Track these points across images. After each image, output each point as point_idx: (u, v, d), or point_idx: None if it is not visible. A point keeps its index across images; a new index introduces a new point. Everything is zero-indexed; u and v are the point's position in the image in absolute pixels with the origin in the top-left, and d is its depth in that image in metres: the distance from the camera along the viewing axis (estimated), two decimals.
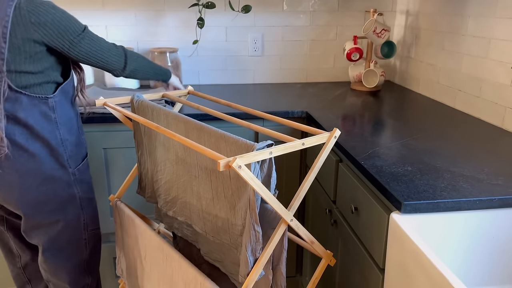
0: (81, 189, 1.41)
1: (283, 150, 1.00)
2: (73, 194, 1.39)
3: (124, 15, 2.13)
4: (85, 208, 1.43)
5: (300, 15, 2.25)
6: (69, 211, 1.39)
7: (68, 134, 1.35)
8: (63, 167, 1.35)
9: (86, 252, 1.49)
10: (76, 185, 1.39)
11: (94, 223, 1.49)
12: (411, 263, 0.91)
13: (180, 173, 1.28)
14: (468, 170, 1.15)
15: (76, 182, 1.38)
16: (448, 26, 1.83)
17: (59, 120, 1.32)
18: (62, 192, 1.36)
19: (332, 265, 1.26)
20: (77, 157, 1.39)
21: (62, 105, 1.33)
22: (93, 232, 1.49)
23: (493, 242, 1.02)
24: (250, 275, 1.04)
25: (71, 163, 1.36)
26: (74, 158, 1.37)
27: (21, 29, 1.19)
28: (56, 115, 1.31)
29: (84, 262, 1.50)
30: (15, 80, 1.23)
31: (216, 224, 1.18)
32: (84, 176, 1.42)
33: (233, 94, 2.06)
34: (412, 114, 1.72)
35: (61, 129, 1.32)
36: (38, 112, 1.27)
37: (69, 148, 1.35)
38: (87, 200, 1.44)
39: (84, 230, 1.45)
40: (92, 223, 1.47)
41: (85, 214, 1.44)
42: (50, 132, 1.30)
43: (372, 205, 1.13)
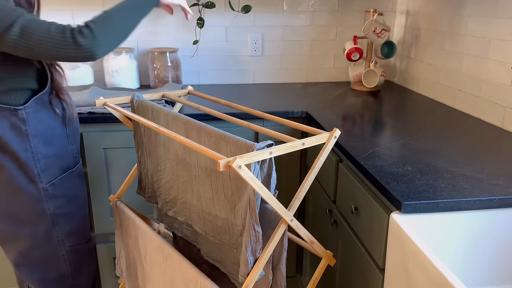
0: (53, 205, 1.30)
1: (283, 150, 1.00)
2: (42, 210, 1.28)
3: None
4: (58, 224, 1.32)
5: (300, 15, 2.25)
6: (39, 227, 1.30)
7: (44, 147, 1.24)
8: (32, 181, 1.24)
9: (68, 268, 1.40)
10: (48, 201, 1.28)
11: (74, 238, 1.38)
12: (411, 263, 0.91)
13: (180, 173, 1.28)
14: (468, 170, 1.15)
15: (47, 197, 1.28)
16: (448, 26, 1.83)
17: (31, 133, 1.20)
18: (31, 207, 1.27)
19: (332, 265, 1.26)
20: (52, 170, 1.27)
21: (37, 116, 1.21)
22: (74, 248, 1.38)
23: (493, 242, 1.01)
24: (250, 275, 1.04)
25: (43, 177, 1.26)
26: (48, 172, 1.26)
27: None
28: (28, 127, 1.20)
29: (69, 277, 1.42)
30: None
31: (216, 224, 1.18)
32: (61, 191, 1.31)
33: (233, 94, 2.06)
34: (412, 114, 1.72)
35: (33, 142, 1.21)
36: (7, 123, 1.17)
37: (42, 162, 1.24)
38: (61, 216, 1.32)
39: (60, 246, 1.35)
40: (70, 239, 1.36)
41: (59, 231, 1.33)
42: (19, 144, 1.20)
43: (372, 205, 1.13)
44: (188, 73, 2.25)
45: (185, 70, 2.23)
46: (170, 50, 2.09)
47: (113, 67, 2.01)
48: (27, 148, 1.21)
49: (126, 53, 2.04)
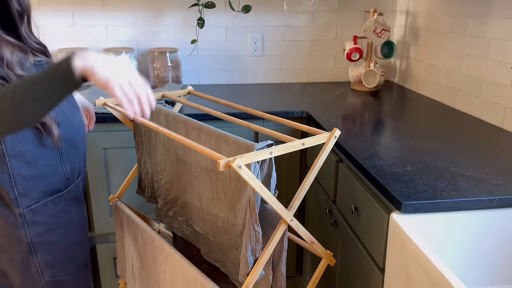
0: (32, 232, 1.13)
1: (283, 150, 1.00)
2: (19, 236, 1.12)
3: (124, 15, 2.13)
4: (37, 253, 1.15)
5: (300, 15, 2.25)
6: (16, 254, 1.15)
7: (25, 167, 1.08)
8: (7, 206, 1.09)
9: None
10: (25, 228, 1.12)
11: (58, 269, 1.20)
12: (411, 263, 0.91)
13: (180, 173, 1.28)
14: (468, 170, 1.15)
15: (24, 224, 1.11)
16: (448, 26, 1.83)
17: (8, 152, 1.04)
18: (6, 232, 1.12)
19: (332, 265, 1.26)
20: (33, 194, 1.11)
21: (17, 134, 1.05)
22: (56, 280, 1.21)
23: (493, 242, 1.01)
24: (250, 275, 1.04)
25: (22, 201, 1.10)
26: (28, 196, 1.10)
27: None
28: (4, 147, 1.04)
29: None
30: None
31: (216, 224, 1.18)
32: (42, 217, 1.14)
33: (233, 94, 2.06)
34: (412, 114, 1.72)
35: (11, 162, 1.05)
36: None
37: (21, 185, 1.08)
38: (42, 244, 1.15)
39: (39, 277, 1.18)
40: (51, 270, 1.19)
41: (37, 260, 1.16)
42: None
43: (372, 205, 1.13)
44: (188, 73, 2.25)
45: (185, 70, 2.23)
46: (170, 50, 2.09)
47: None
48: (3, 170, 1.06)
49: (126, 53, 2.04)
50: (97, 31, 2.13)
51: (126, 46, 2.16)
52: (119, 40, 2.15)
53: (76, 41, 2.12)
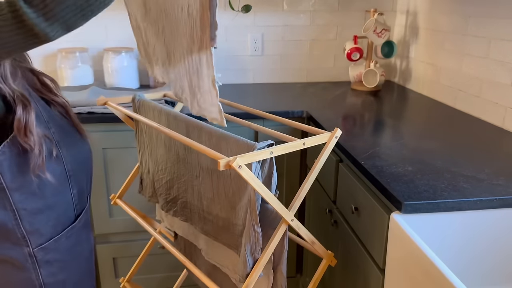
0: (45, 273, 1.00)
1: (283, 149, 1.00)
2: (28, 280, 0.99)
3: (124, 15, 2.12)
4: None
5: (300, 15, 2.25)
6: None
7: (30, 200, 0.95)
8: (14, 246, 0.95)
9: None
10: (36, 269, 0.99)
11: None
12: (411, 263, 0.91)
13: (181, 172, 1.28)
14: (469, 170, 1.15)
15: (35, 264, 0.98)
16: (448, 26, 1.83)
17: (9, 185, 0.91)
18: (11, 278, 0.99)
19: (333, 265, 1.26)
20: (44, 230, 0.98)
21: (17, 163, 0.92)
22: None
23: (493, 242, 1.02)
24: (250, 275, 1.04)
25: (32, 239, 0.96)
26: (37, 233, 0.97)
27: None
28: (3, 180, 0.90)
29: None
30: None
31: (217, 224, 1.18)
32: (55, 255, 1.01)
33: (233, 94, 2.06)
34: (412, 114, 1.72)
35: (13, 196, 0.92)
36: None
37: (27, 220, 0.95)
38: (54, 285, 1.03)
39: None
40: None
41: None
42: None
43: (372, 205, 1.13)
44: None
45: None
46: None
47: (113, 67, 2.01)
48: (6, 206, 0.92)
49: (126, 53, 2.04)
50: (97, 31, 2.12)
51: (126, 46, 2.16)
52: (119, 40, 2.15)
53: (76, 41, 2.12)
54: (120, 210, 1.81)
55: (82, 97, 1.74)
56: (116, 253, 1.87)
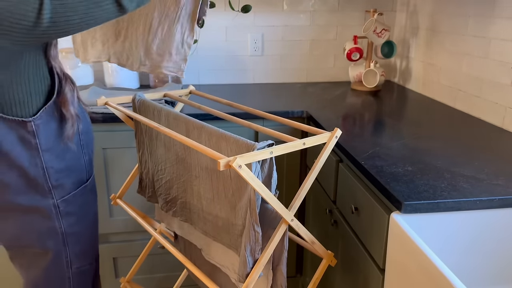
0: (66, 223, 1.19)
1: (283, 149, 1.00)
2: (53, 228, 1.17)
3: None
4: (69, 244, 1.22)
5: (300, 15, 2.25)
6: (48, 247, 1.19)
7: (56, 161, 1.13)
8: (44, 198, 1.13)
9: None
10: (60, 219, 1.17)
11: (82, 259, 1.27)
12: (411, 263, 0.91)
13: (181, 172, 1.28)
14: (468, 170, 1.15)
15: (59, 214, 1.17)
16: (448, 26, 1.83)
17: (42, 147, 1.09)
18: (40, 226, 1.16)
19: (333, 265, 1.26)
20: (64, 186, 1.16)
21: (48, 128, 1.10)
22: (80, 270, 1.27)
23: (493, 242, 1.02)
24: (250, 275, 1.04)
25: (56, 193, 1.15)
26: (59, 188, 1.15)
27: None
28: (38, 141, 1.08)
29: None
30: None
31: (216, 224, 1.18)
32: (73, 208, 1.20)
33: (233, 94, 2.06)
34: (412, 114, 1.72)
35: (44, 156, 1.10)
36: (15, 137, 1.06)
37: (53, 177, 1.13)
38: (73, 236, 1.22)
39: (67, 268, 1.24)
40: (79, 260, 1.25)
41: (69, 251, 1.22)
42: (28, 159, 1.08)
43: (372, 205, 1.13)
44: (188, 73, 2.25)
45: (185, 70, 2.23)
46: None
47: (113, 67, 2.01)
48: (37, 163, 1.10)
49: None
50: None
51: None
52: None
53: None
54: (120, 210, 1.81)
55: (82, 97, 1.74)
56: (116, 253, 1.87)
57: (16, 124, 1.05)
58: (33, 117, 1.07)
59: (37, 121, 1.07)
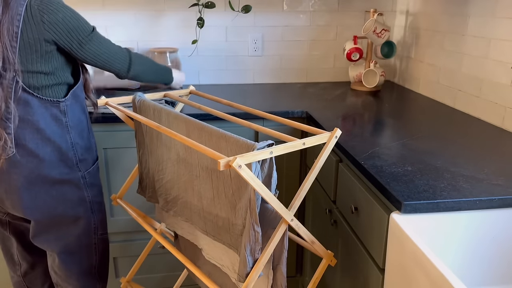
0: (91, 193, 1.39)
1: (283, 149, 1.00)
2: (83, 197, 1.37)
3: (124, 15, 2.13)
4: (95, 212, 1.42)
5: (300, 15, 2.25)
6: (80, 215, 1.37)
7: (79, 138, 1.32)
8: (73, 170, 1.32)
9: (96, 258, 1.47)
10: (87, 188, 1.37)
11: (103, 227, 1.47)
12: (411, 263, 0.91)
13: (181, 172, 1.28)
14: (468, 170, 1.15)
15: (86, 185, 1.36)
16: (448, 26, 1.83)
17: (70, 124, 1.29)
18: (72, 195, 1.34)
19: (333, 265, 1.26)
20: (87, 160, 1.36)
21: (73, 109, 1.30)
22: (102, 237, 1.47)
23: (493, 242, 1.02)
24: (250, 275, 1.04)
25: (81, 166, 1.34)
26: (84, 162, 1.35)
27: (33, 28, 1.17)
28: (68, 119, 1.29)
29: (94, 267, 1.49)
30: (27, 81, 1.20)
31: (216, 224, 1.18)
32: (94, 180, 1.40)
33: (233, 94, 2.06)
34: (412, 114, 1.72)
35: (72, 133, 1.30)
36: (49, 115, 1.25)
37: (79, 152, 1.33)
38: (97, 204, 1.42)
39: (94, 235, 1.43)
40: (101, 227, 1.46)
41: (96, 218, 1.42)
42: (60, 136, 1.27)
43: (372, 205, 1.13)
44: (188, 73, 2.25)
45: (185, 70, 2.23)
46: (170, 50, 2.09)
47: None
48: (67, 139, 1.29)
49: None
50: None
51: (126, 46, 2.16)
52: (119, 40, 2.15)
53: None
54: (120, 210, 1.81)
55: None
56: (116, 252, 1.87)
57: (51, 104, 1.25)
58: (64, 98, 1.27)
59: (67, 101, 1.28)
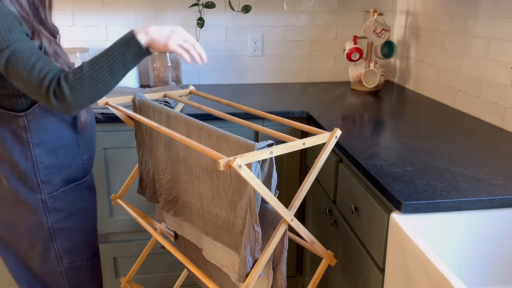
0: (53, 218, 1.21)
1: (283, 149, 1.00)
2: (40, 222, 1.20)
3: (124, 15, 2.13)
4: (57, 239, 1.24)
5: (300, 15, 2.25)
6: (35, 240, 1.22)
7: (47, 156, 1.16)
8: (31, 192, 1.17)
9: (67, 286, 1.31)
10: (46, 214, 1.20)
11: (75, 255, 1.29)
12: (411, 263, 0.91)
13: (181, 172, 1.28)
14: (468, 170, 1.15)
15: (46, 210, 1.20)
16: (448, 26, 1.83)
17: (33, 141, 1.13)
18: (27, 219, 1.19)
19: (333, 265, 1.26)
20: (54, 182, 1.19)
21: (43, 124, 1.13)
22: (73, 265, 1.29)
23: (493, 242, 1.02)
24: (250, 275, 1.04)
25: (44, 188, 1.18)
26: (49, 183, 1.18)
27: None
28: (29, 135, 1.12)
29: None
30: None
31: (216, 224, 1.18)
32: (62, 204, 1.22)
33: (233, 94, 2.06)
34: (412, 114, 1.72)
35: (35, 151, 1.14)
36: (8, 130, 1.11)
37: (43, 172, 1.16)
38: (61, 231, 1.24)
39: (57, 263, 1.26)
40: (69, 256, 1.27)
41: (57, 246, 1.24)
42: (19, 153, 1.13)
43: (372, 205, 1.13)
44: (188, 73, 2.25)
45: (185, 70, 2.23)
46: None
47: None
48: (28, 157, 1.14)
49: None
50: (97, 31, 2.13)
51: None
52: None
53: (76, 41, 2.12)
54: (120, 210, 1.81)
55: None
56: (116, 252, 1.87)
57: (9, 118, 1.09)
58: (26, 112, 1.10)
59: (29, 116, 1.10)
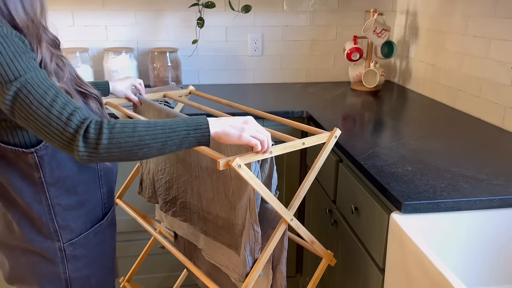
0: (71, 268, 1.03)
1: (283, 149, 1.00)
2: (56, 273, 1.02)
3: (124, 15, 2.13)
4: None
5: (300, 15, 2.25)
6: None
7: (64, 196, 0.98)
8: (47, 239, 0.99)
9: None
10: (64, 263, 1.02)
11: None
12: (411, 263, 0.91)
13: (180, 173, 1.28)
14: (468, 170, 1.15)
15: (64, 259, 1.01)
16: (448, 26, 1.83)
17: (47, 180, 0.95)
18: (41, 269, 1.01)
19: (333, 265, 1.26)
20: (74, 226, 1.01)
21: (57, 159, 0.95)
22: None
23: (493, 242, 1.02)
24: (250, 275, 1.04)
25: (63, 234, 1.00)
26: (68, 228, 1.00)
27: None
28: (42, 174, 0.93)
29: None
30: None
31: (216, 224, 1.18)
32: (83, 251, 1.04)
33: (233, 94, 2.06)
34: (412, 114, 1.72)
35: (49, 191, 0.96)
36: (16, 170, 0.93)
37: (60, 216, 0.98)
38: (79, 279, 1.05)
39: None
40: None
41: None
42: (32, 195, 0.95)
43: (372, 205, 1.13)
44: (188, 73, 2.25)
45: (185, 70, 2.23)
46: (170, 50, 2.09)
47: (113, 67, 2.01)
48: (42, 200, 0.96)
49: (126, 53, 2.04)
50: (97, 31, 2.13)
51: (126, 46, 2.16)
52: (119, 40, 2.15)
53: (76, 41, 2.12)
54: (120, 210, 1.80)
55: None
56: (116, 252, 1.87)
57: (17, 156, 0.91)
58: (35, 147, 0.91)
59: (40, 151, 0.92)
